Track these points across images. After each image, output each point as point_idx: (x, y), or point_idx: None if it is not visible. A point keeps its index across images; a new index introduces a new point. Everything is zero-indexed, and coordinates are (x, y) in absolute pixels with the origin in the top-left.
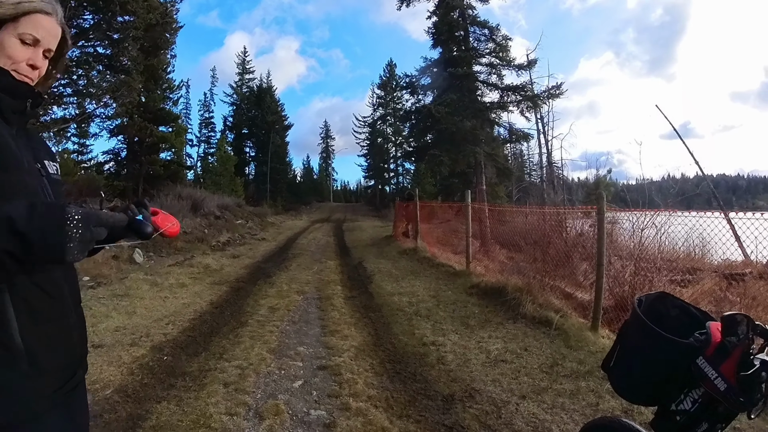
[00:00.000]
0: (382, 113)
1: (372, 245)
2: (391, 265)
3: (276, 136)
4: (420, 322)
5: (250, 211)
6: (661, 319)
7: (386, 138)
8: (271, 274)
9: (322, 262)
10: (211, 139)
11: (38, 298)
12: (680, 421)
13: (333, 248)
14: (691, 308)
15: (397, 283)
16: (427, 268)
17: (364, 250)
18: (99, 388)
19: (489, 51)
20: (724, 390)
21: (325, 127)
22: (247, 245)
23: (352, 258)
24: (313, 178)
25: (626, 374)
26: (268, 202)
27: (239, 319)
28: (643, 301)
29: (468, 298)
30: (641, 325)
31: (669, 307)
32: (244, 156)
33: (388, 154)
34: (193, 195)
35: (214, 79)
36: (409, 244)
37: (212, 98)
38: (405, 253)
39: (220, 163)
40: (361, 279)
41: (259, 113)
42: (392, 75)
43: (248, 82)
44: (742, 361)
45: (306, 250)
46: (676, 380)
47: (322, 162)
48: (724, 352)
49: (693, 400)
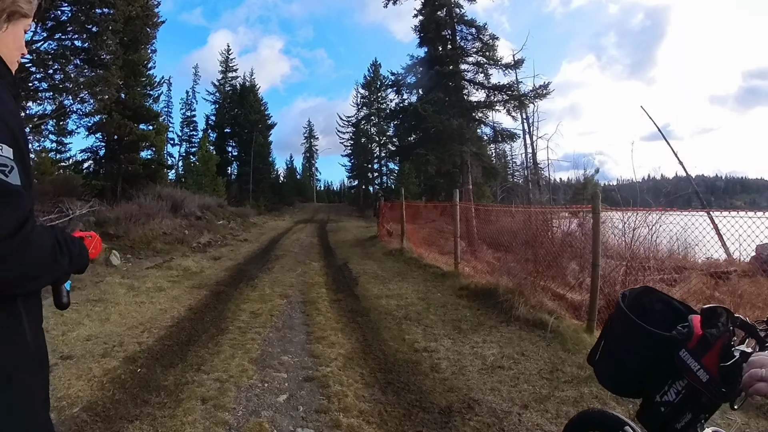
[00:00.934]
0: (366, 113)
1: (356, 246)
2: (377, 266)
3: (259, 135)
4: (410, 326)
5: (232, 211)
6: (645, 314)
7: (370, 138)
8: (254, 276)
9: (306, 263)
10: (192, 138)
11: (36, 304)
12: (664, 412)
13: (317, 249)
14: (674, 302)
15: (385, 285)
16: (415, 270)
17: (348, 250)
18: (66, 406)
19: (476, 50)
20: (706, 381)
21: (309, 126)
22: (228, 246)
23: (337, 259)
24: (297, 178)
25: (611, 367)
26: (251, 203)
27: (219, 326)
28: (627, 295)
29: (458, 301)
30: (625, 319)
31: (653, 302)
32: (226, 155)
33: (372, 153)
34: (174, 195)
35: (196, 77)
36: (395, 245)
37: (194, 96)
38: (391, 254)
39: (202, 162)
40: (346, 281)
41: (241, 112)
42: (377, 75)
43: (231, 80)
44: (724, 353)
45: (289, 252)
46: (659, 372)
47: (306, 162)
48: (706, 344)
49: (677, 392)
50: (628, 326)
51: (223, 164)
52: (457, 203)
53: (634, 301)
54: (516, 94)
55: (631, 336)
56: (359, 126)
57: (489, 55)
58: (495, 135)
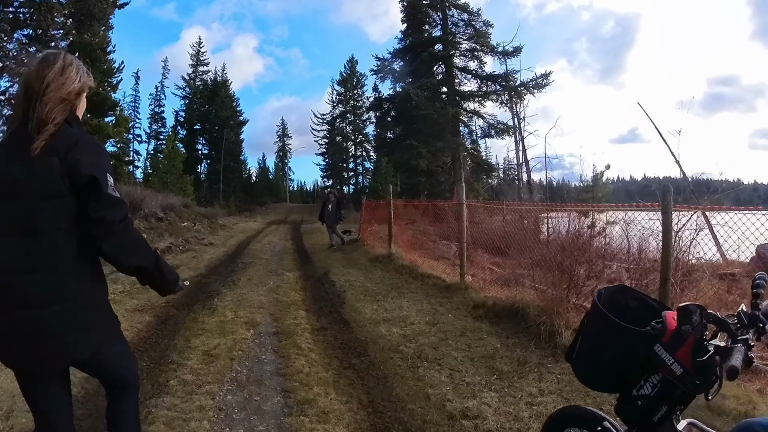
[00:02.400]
0: (341, 110)
1: (336, 250)
2: (363, 276)
3: (230, 132)
4: (430, 371)
5: (198, 212)
6: (621, 311)
7: (345, 136)
8: (214, 293)
9: (279, 274)
10: (161, 135)
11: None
12: (641, 405)
13: (291, 255)
14: (648, 299)
15: (379, 303)
16: (410, 281)
17: (328, 256)
18: None
19: (468, 36)
20: (680, 374)
21: (282, 125)
22: (191, 252)
23: (315, 267)
24: (269, 177)
25: (588, 363)
26: (221, 203)
27: (156, 380)
28: (603, 293)
29: (478, 325)
30: (601, 316)
31: (628, 299)
32: (196, 153)
33: (348, 152)
34: (132, 193)
35: (165, 70)
36: (381, 250)
37: (163, 91)
38: (378, 261)
39: (168, 159)
40: (330, 299)
41: (212, 108)
42: (353, 71)
43: (202, 75)
44: (697, 347)
45: (259, 258)
46: (635, 367)
47: (279, 161)
48: (679, 339)
49: (652, 385)
50: (604, 323)
51: (192, 162)
52: (463, 201)
53: (609, 299)
54: (512, 84)
55: (607, 333)
56: (334, 124)
57: (483, 41)
58: (488, 128)
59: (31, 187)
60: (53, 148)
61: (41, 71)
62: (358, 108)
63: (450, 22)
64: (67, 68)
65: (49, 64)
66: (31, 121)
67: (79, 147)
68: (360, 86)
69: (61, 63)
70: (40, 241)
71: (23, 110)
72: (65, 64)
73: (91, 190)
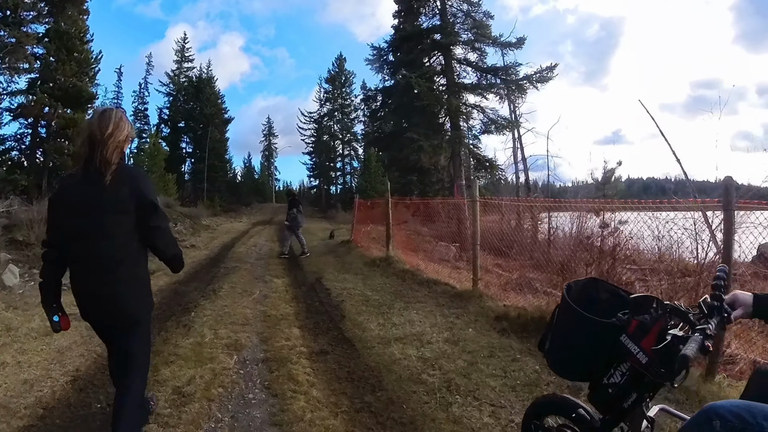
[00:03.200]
0: (329, 108)
1: (327, 253)
2: (362, 283)
3: (215, 130)
4: (466, 408)
5: (181, 212)
6: (592, 303)
7: (333, 135)
8: (191, 305)
9: (266, 280)
10: (144, 133)
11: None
12: (612, 393)
13: (279, 259)
14: (619, 291)
15: (384, 316)
16: (416, 288)
17: (319, 259)
18: None
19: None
20: (645, 363)
21: (268, 123)
22: None
23: (306, 272)
24: (255, 177)
25: (559, 354)
26: (206, 203)
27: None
28: (573, 287)
29: (506, 341)
30: (569, 309)
31: (599, 291)
32: (180, 152)
33: (335, 151)
34: None
35: (149, 66)
36: (377, 252)
37: (147, 88)
38: (375, 265)
39: (149, 157)
40: (327, 311)
41: (197, 106)
42: (341, 69)
43: (187, 71)
44: (660, 337)
45: (244, 262)
46: (604, 356)
47: (264, 161)
48: (644, 329)
49: (621, 374)
50: (573, 315)
51: (176, 161)
52: (476, 198)
53: (581, 292)
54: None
55: (576, 324)
56: (322, 122)
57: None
58: (489, 124)
59: (104, 205)
60: (120, 180)
61: (101, 124)
62: (346, 106)
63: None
64: (120, 122)
65: (107, 119)
66: (96, 160)
67: (140, 181)
68: (348, 84)
69: (116, 118)
70: (113, 242)
71: (88, 152)
72: (119, 119)
73: (151, 210)
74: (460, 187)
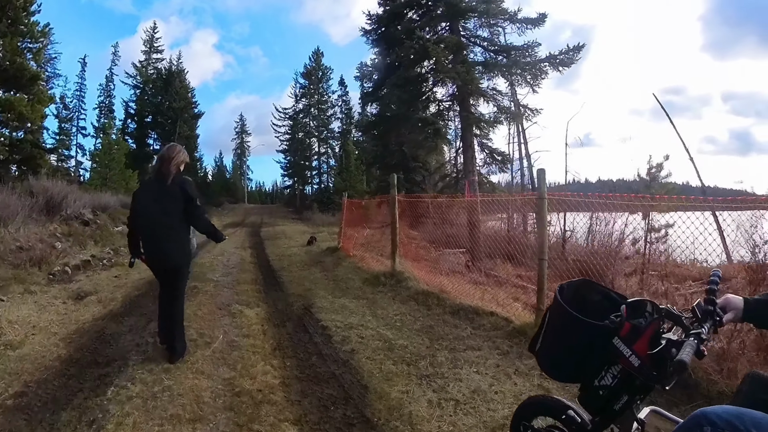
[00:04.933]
0: (305, 104)
1: (312, 264)
2: (370, 313)
3: (184, 125)
4: None
5: None
6: (584, 304)
7: (309, 132)
8: (112, 370)
9: (234, 312)
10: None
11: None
12: (603, 395)
13: (252, 272)
14: (611, 293)
15: (431, 383)
16: (451, 321)
17: (303, 275)
18: None
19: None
20: (638, 366)
21: (241, 121)
22: (117, 268)
23: (289, 295)
24: (226, 177)
25: (551, 355)
26: None
27: None
28: (566, 288)
29: None
30: (562, 310)
31: (592, 293)
32: (146, 149)
33: (311, 149)
34: (50, 189)
35: (116, 57)
36: (378, 265)
37: (113, 80)
38: (379, 283)
39: (107, 151)
40: (334, 376)
41: (165, 100)
42: (318, 64)
43: (156, 63)
44: (653, 340)
45: (206, 280)
46: (596, 358)
47: (237, 160)
48: (637, 332)
49: (613, 376)
50: (565, 317)
51: (142, 158)
52: (544, 195)
53: (573, 293)
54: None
55: (568, 326)
56: (297, 119)
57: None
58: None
59: (167, 196)
60: (175, 183)
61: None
62: (323, 102)
63: None
64: (179, 152)
65: (171, 149)
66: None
67: (186, 185)
68: (326, 80)
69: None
70: (170, 217)
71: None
72: (178, 150)
73: (192, 202)
74: (472, 183)
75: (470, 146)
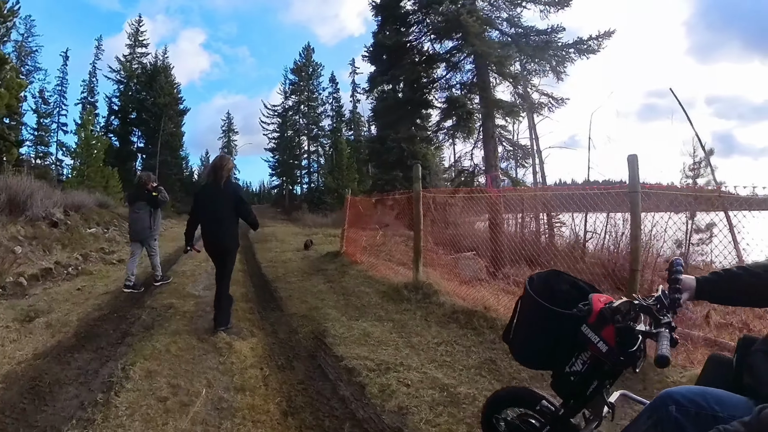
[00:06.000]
0: (295, 101)
1: (313, 273)
2: (404, 343)
3: (169, 122)
4: None
5: (120, 213)
6: (553, 294)
7: (298, 130)
8: None
9: (221, 347)
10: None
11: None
12: (574, 380)
13: (242, 284)
14: (579, 282)
15: None
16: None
17: (303, 286)
18: None
19: None
20: (606, 351)
21: (228, 119)
22: (81, 278)
23: (291, 317)
24: None
25: (523, 344)
26: None
27: None
28: (535, 279)
29: None
30: (531, 300)
31: (560, 283)
32: (130, 146)
33: (300, 148)
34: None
35: (99, 51)
36: (391, 273)
37: (96, 74)
38: (402, 298)
39: (85, 145)
40: None
41: (150, 96)
42: (309, 60)
43: (140, 57)
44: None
45: (186, 296)
46: (566, 346)
47: None
48: (604, 319)
49: (583, 362)
50: (534, 307)
51: (125, 157)
52: (637, 189)
53: (543, 283)
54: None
55: (538, 315)
56: (286, 116)
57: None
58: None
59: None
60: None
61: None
62: (313, 99)
63: None
64: (228, 161)
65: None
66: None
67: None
68: (316, 76)
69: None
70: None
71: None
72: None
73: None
74: (495, 179)
75: (492, 137)
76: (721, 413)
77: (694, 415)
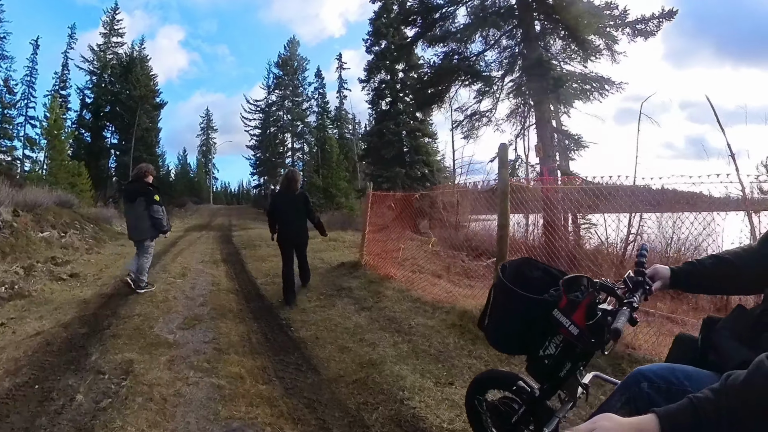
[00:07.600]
0: (279, 95)
1: (332, 292)
2: None
3: (144, 116)
4: None
5: (83, 214)
6: (526, 281)
7: (282, 127)
8: None
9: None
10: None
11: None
12: (548, 363)
13: (236, 315)
14: (550, 269)
15: None
16: None
17: (328, 317)
18: None
19: None
20: (576, 334)
21: (207, 116)
22: (13, 303)
23: (333, 383)
24: (190, 176)
25: (497, 330)
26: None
27: None
28: (507, 266)
29: None
30: (504, 287)
31: (532, 270)
32: (103, 142)
33: (284, 145)
34: None
35: (72, 40)
36: (443, 294)
37: (68, 66)
38: (463, 329)
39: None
40: None
41: (125, 89)
42: (293, 53)
43: (115, 47)
44: (589, 310)
45: (155, 341)
46: (539, 330)
47: (202, 158)
48: (574, 303)
49: (555, 345)
50: (507, 293)
51: (97, 154)
52: None
53: (516, 271)
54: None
55: (511, 301)
56: (269, 112)
57: None
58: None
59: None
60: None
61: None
62: (298, 94)
63: None
64: (299, 174)
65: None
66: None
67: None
68: (302, 70)
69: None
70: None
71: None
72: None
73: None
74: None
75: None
76: (690, 388)
77: (665, 390)
